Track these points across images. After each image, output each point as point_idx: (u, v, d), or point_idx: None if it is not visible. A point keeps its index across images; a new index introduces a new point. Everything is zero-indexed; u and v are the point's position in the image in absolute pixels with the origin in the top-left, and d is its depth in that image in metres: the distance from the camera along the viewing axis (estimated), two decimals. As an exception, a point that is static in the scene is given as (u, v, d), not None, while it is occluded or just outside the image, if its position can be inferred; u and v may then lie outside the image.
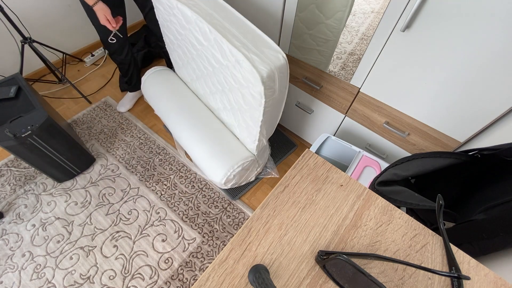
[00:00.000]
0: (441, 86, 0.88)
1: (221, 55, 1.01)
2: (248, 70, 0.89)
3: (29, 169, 1.57)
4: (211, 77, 1.24)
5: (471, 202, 0.76)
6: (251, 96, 0.99)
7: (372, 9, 0.93)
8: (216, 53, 1.03)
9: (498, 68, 0.74)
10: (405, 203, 0.71)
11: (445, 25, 0.76)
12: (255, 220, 0.49)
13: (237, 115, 1.26)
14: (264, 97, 0.92)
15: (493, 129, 0.86)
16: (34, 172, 1.56)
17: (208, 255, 1.33)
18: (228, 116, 1.35)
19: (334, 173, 0.55)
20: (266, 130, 1.20)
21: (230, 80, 1.08)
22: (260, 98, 0.94)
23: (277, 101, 1.04)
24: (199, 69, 1.32)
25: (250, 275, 0.42)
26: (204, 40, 1.05)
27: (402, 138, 1.12)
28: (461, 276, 0.36)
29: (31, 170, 1.57)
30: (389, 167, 0.82)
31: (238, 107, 1.18)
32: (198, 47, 1.15)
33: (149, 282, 1.25)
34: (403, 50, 0.88)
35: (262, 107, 0.98)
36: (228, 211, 1.47)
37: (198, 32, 1.05)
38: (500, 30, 0.69)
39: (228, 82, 1.11)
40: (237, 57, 0.91)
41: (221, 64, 1.06)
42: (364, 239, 0.47)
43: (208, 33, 0.99)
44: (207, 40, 1.03)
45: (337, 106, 1.26)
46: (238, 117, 1.28)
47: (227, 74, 1.06)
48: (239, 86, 1.04)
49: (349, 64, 1.12)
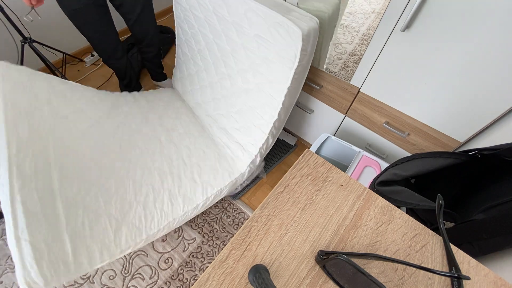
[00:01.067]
0: (441, 86, 0.88)
1: (249, 26, 1.07)
2: (289, 29, 0.94)
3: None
4: (228, 57, 1.28)
5: (471, 202, 0.76)
6: (282, 60, 1.04)
7: (373, 9, 0.93)
8: (243, 26, 1.10)
9: (498, 68, 0.74)
10: (405, 203, 0.71)
11: (445, 25, 0.76)
12: (255, 220, 0.49)
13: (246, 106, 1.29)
14: (299, 56, 0.98)
15: (493, 129, 0.86)
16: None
17: (208, 255, 1.33)
18: (229, 120, 1.37)
19: (334, 173, 0.55)
20: (284, 113, 1.22)
21: (254, 52, 1.13)
22: (294, 59, 1.00)
23: (303, 69, 1.10)
24: (212, 55, 1.36)
25: (250, 275, 0.42)
26: (229, 15, 1.12)
27: (402, 138, 1.12)
28: (461, 276, 0.36)
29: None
30: (389, 167, 0.82)
31: (256, 85, 1.22)
32: (218, 27, 1.22)
33: (149, 282, 1.25)
34: (403, 50, 0.88)
35: (293, 71, 1.02)
36: (228, 211, 1.47)
37: (223, 7, 1.13)
38: (500, 30, 0.69)
39: (249, 57, 1.17)
40: (276, 19, 0.96)
41: (246, 36, 1.12)
42: (364, 239, 0.47)
43: (238, 4, 1.06)
44: (233, 15, 1.11)
45: (337, 106, 1.26)
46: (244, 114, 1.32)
47: (253, 45, 1.12)
48: (267, 54, 1.09)
49: (349, 65, 1.12)
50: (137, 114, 1.50)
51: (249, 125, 1.33)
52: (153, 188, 1.20)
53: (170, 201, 1.18)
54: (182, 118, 1.54)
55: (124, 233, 1.03)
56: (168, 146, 1.39)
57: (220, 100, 1.44)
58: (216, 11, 1.18)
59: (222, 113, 1.44)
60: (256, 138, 1.30)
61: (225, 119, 1.42)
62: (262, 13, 1.00)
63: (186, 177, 1.27)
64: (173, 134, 1.45)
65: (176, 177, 1.26)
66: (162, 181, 1.24)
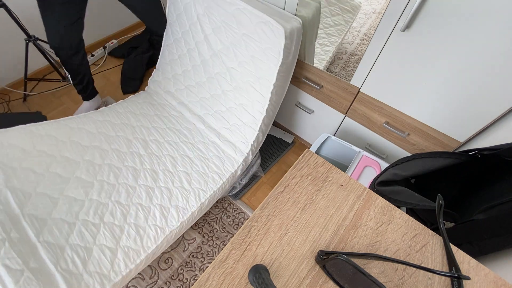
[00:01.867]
0: (441, 86, 0.88)
1: (237, 25, 1.14)
2: (273, 28, 1.01)
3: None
4: (217, 57, 1.31)
5: (471, 202, 0.76)
6: (268, 57, 1.11)
7: (374, 9, 0.93)
8: (231, 26, 1.16)
9: (498, 68, 0.74)
10: (405, 203, 0.71)
11: (445, 25, 0.76)
12: (255, 220, 0.49)
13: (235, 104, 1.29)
14: (282, 54, 1.05)
15: (493, 129, 0.86)
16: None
17: (208, 255, 1.33)
18: (217, 119, 1.38)
19: (334, 173, 0.55)
20: (272, 109, 1.26)
21: (242, 51, 1.19)
22: (278, 56, 1.07)
23: (288, 67, 1.16)
24: (201, 55, 1.37)
25: (250, 275, 0.42)
26: (219, 15, 1.19)
27: (402, 138, 1.12)
28: (461, 276, 0.36)
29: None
30: (389, 167, 0.82)
31: (244, 83, 1.24)
32: (209, 27, 1.26)
33: (149, 282, 1.25)
34: (403, 50, 0.88)
35: (278, 68, 1.09)
36: (228, 211, 1.47)
37: (213, 7, 1.19)
38: (500, 30, 0.69)
39: (237, 55, 1.22)
40: (261, 18, 1.03)
41: (234, 35, 1.18)
42: (364, 239, 0.47)
43: (227, 5, 1.12)
44: (222, 15, 1.17)
45: (337, 106, 1.26)
46: (233, 113, 1.31)
47: (241, 44, 1.18)
48: (253, 53, 1.15)
49: (350, 65, 1.12)
50: (108, 133, 1.35)
51: (239, 123, 1.34)
52: (142, 207, 1.14)
53: (163, 215, 1.13)
54: (158, 126, 1.44)
55: (121, 259, 1.00)
56: (149, 159, 1.30)
57: (208, 99, 1.43)
58: (207, 11, 1.22)
59: (211, 113, 1.43)
60: (247, 135, 1.31)
61: (214, 118, 1.42)
62: (249, 13, 1.06)
63: (176, 187, 1.21)
64: (151, 146, 1.35)
65: (164, 190, 1.20)
66: (150, 197, 1.17)
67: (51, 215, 1.04)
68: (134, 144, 1.34)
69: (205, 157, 1.34)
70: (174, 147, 1.36)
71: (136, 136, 1.38)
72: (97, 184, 1.16)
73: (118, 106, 1.50)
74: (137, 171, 1.25)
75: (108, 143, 1.30)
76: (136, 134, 1.39)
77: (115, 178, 1.20)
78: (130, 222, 1.09)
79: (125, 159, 1.28)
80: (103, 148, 1.28)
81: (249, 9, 1.06)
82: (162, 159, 1.31)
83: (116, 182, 1.19)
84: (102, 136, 1.32)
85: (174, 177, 1.25)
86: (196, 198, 1.20)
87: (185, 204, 1.17)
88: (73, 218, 1.05)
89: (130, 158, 1.29)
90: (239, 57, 1.22)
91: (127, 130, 1.39)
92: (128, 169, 1.24)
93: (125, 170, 1.24)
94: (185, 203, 1.17)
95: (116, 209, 1.11)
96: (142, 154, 1.31)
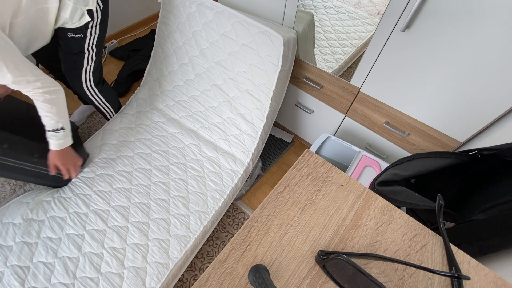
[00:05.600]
0: (441, 86, 0.88)
1: (236, 37, 1.18)
2: (272, 37, 1.07)
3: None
4: (213, 70, 1.32)
5: (471, 202, 0.76)
6: (267, 65, 1.16)
7: (378, 11, 0.93)
8: (231, 37, 1.20)
9: (498, 68, 0.74)
10: (405, 203, 0.71)
11: (445, 25, 0.76)
12: (255, 220, 0.49)
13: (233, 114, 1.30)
14: (281, 61, 1.10)
15: (493, 129, 0.86)
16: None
17: (208, 255, 1.33)
18: (213, 132, 1.37)
19: (334, 173, 0.55)
20: (271, 116, 1.28)
21: (241, 60, 1.22)
22: (277, 62, 1.12)
23: (286, 74, 1.21)
24: (194, 69, 1.38)
25: (250, 275, 0.42)
26: (218, 28, 1.22)
27: (402, 138, 1.12)
28: (461, 276, 0.36)
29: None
30: (389, 167, 0.82)
31: (242, 92, 1.27)
32: (206, 42, 1.29)
33: (149, 282, 1.25)
34: (403, 50, 0.88)
35: (277, 74, 1.14)
36: (228, 211, 1.47)
37: (212, 22, 1.22)
38: (500, 29, 0.69)
39: (236, 65, 1.25)
40: (260, 29, 1.09)
41: (234, 46, 1.21)
42: (364, 239, 0.47)
43: (226, 18, 1.16)
44: (222, 27, 1.21)
45: (337, 106, 1.26)
46: (231, 123, 1.32)
47: (240, 55, 1.22)
48: (252, 61, 1.19)
49: (350, 65, 1.12)
50: (86, 175, 1.23)
51: (237, 133, 1.31)
52: (137, 246, 1.06)
53: (163, 249, 1.05)
54: (142, 152, 1.32)
55: None
56: (137, 192, 1.19)
57: (203, 112, 1.40)
58: (205, 27, 1.25)
59: (206, 126, 1.39)
60: (247, 144, 1.29)
61: (209, 131, 1.38)
62: (248, 24, 1.11)
63: (172, 215, 1.13)
64: (137, 176, 1.23)
65: (160, 221, 1.12)
66: (145, 233, 1.09)
67: (50, 281, 0.99)
68: (117, 179, 1.22)
69: (201, 175, 1.26)
70: (163, 171, 1.26)
71: (118, 169, 1.25)
72: (87, 235, 1.08)
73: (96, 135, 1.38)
74: (126, 208, 1.14)
75: (89, 187, 1.19)
76: (118, 167, 1.25)
77: (104, 223, 1.11)
78: (128, 266, 1.02)
79: (110, 199, 1.17)
80: (86, 193, 1.17)
81: (248, 20, 1.10)
82: (152, 188, 1.21)
83: (106, 226, 1.10)
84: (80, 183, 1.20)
85: (169, 205, 1.17)
86: (196, 222, 1.13)
87: (186, 232, 1.11)
88: (70, 279, 0.99)
89: (115, 196, 1.17)
90: (237, 66, 1.25)
91: (106, 166, 1.25)
92: (115, 209, 1.14)
93: (113, 211, 1.14)
94: (185, 231, 1.11)
95: (111, 257, 1.04)
96: (128, 188, 1.20)
